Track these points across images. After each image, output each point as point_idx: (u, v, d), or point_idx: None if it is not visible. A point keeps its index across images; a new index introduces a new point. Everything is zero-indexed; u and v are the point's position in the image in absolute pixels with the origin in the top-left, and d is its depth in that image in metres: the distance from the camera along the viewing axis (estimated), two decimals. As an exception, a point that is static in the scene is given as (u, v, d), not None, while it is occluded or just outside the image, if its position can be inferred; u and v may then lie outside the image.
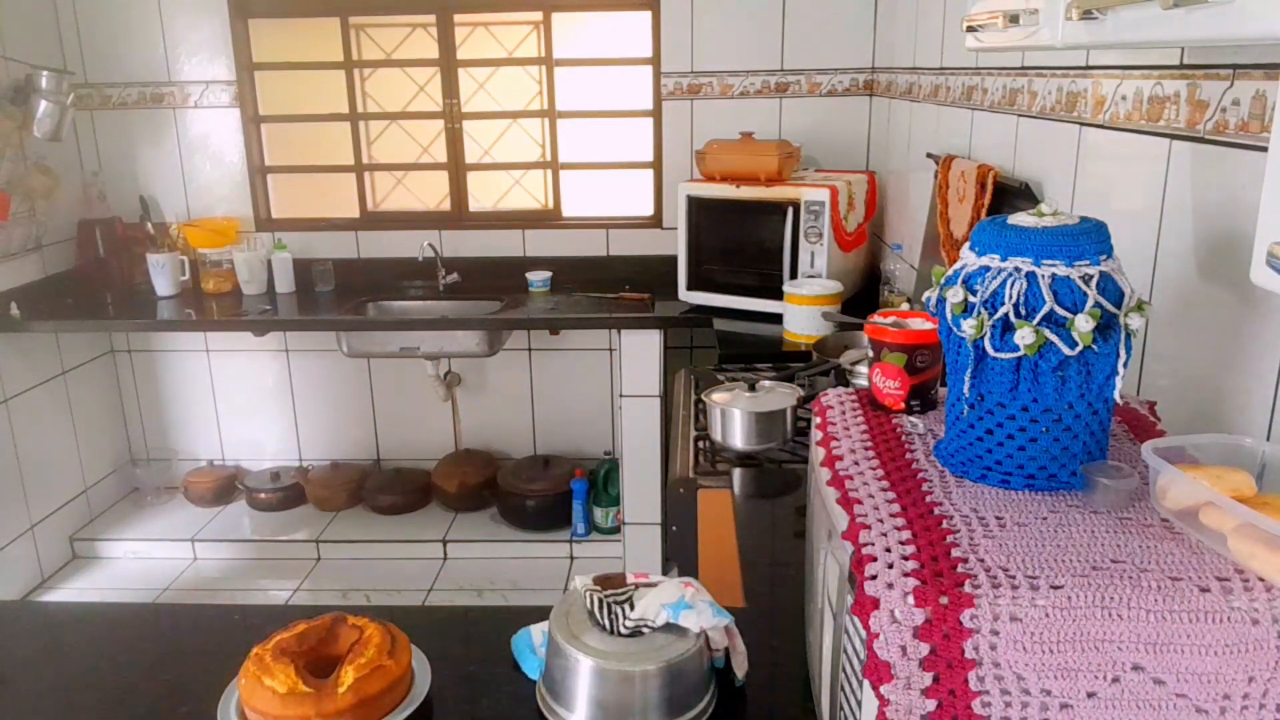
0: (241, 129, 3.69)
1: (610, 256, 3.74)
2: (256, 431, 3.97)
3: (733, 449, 1.83)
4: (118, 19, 3.59)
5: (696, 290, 3.20)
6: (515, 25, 3.73)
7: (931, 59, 2.71)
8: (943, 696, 0.74)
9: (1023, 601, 0.73)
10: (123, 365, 3.95)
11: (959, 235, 2.18)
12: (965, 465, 0.93)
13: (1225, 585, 0.74)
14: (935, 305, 0.94)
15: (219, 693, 1.12)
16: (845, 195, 2.93)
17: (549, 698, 1.10)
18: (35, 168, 3.40)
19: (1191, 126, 1.25)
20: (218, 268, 3.62)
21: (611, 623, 1.09)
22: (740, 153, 3.04)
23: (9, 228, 3.32)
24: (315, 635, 1.14)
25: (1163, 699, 0.73)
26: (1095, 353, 0.86)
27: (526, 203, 3.89)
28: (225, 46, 3.61)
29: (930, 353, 1.10)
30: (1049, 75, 1.78)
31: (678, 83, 3.53)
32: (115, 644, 1.31)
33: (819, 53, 3.46)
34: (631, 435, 3.21)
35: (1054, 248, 0.87)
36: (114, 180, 3.73)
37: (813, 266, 2.89)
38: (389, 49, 3.77)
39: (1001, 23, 1.12)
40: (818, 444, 1.03)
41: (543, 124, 3.76)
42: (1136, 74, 1.41)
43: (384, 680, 1.07)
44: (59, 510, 3.62)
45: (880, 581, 0.76)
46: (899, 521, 0.83)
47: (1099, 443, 0.92)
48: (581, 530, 3.61)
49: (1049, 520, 0.84)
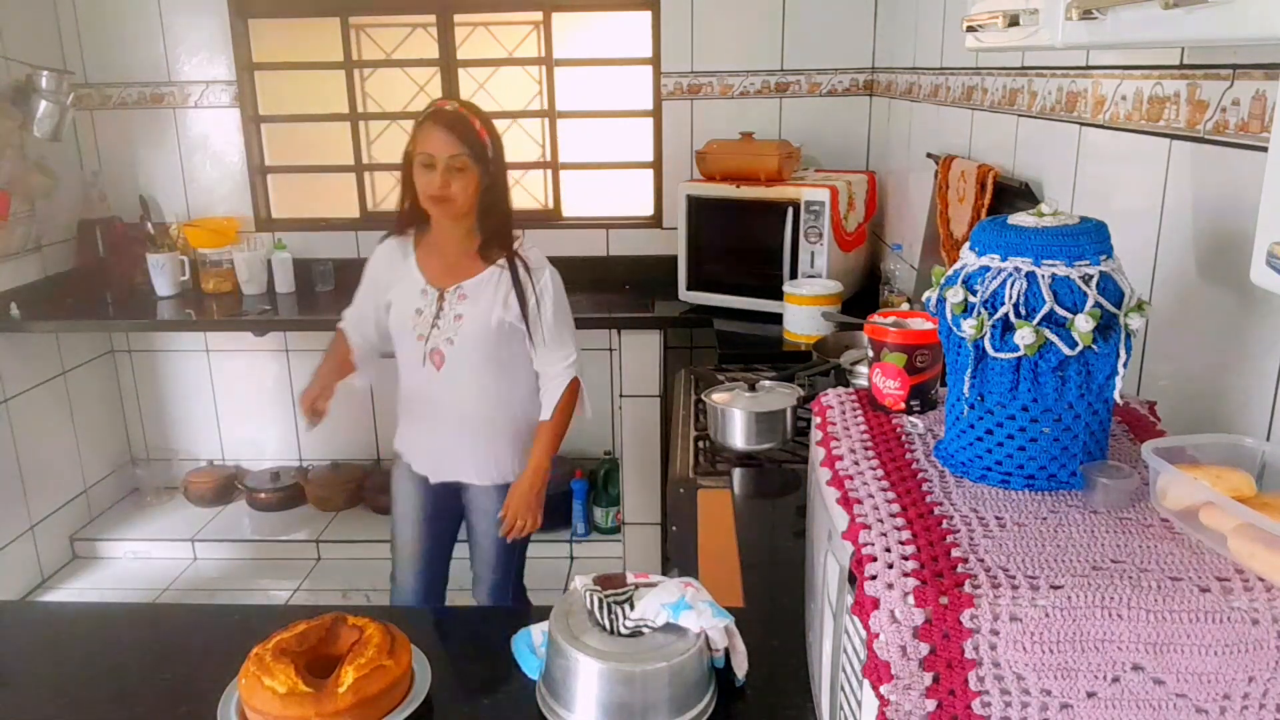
0: (241, 129, 3.69)
1: (610, 256, 3.73)
2: (256, 431, 3.97)
3: (733, 449, 1.83)
4: (118, 19, 3.59)
5: (696, 290, 3.20)
6: (515, 25, 3.73)
7: (931, 59, 2.71)
8: (943, 696, 0.74)
9: (1023, 601, 0.73)
10: (123, 365, 3.94)
11: (959, 235, 2.18)
12: (965, 465, 0.93)
13: (1225, 585, 0.74)
14: (935, 305, 0.94)
15: (219, 693, 1.12)
16: (845, 195, 2.93)
17: (549, 698, 1.10)
18: (35, 167, 3.39)
19: (1191, 126, 1.25)
20: (218, 268, 3.61)
21: (611, 623, 1.09)
22: (740, 153, 3.04)
23: (9, 228, 3.32)
24: (315, 635, 1.14)
25: (1163, 699, 0.73)
26: (1095, 353, 0.86)
27: (526, 203, 3.89)
28: (225, 46, 3.61)
29: (930, 353, 1.10)
30: (1049, 75, 1.78)
31: (678, 83, 3.53)
32: (115, 644, 1.31)
33: (819, 53, 3.46)
34: (631, 435, 3.21)
35: (1054, 248, 0.87)
36: (114, 180, 3.73)
37: (813, 266, 2.89)
38: (389, 49, 3.77)
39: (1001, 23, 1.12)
40: (818, 444, 1.03)
41: (543, 124, 3.76)
42: (1136, 74, 1.41)
43: (384, 680, 1.07)
44: (59, 510, 3.62)
45: (880, 581, 0.76)
46: (899, 521, 0.83)
47: (1099, 443, 0.92)
48: (581, 530, 3.61)
49: (1049, 520, 0.84)
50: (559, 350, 2.17)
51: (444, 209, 2.02)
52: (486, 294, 2.09)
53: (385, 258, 2.21)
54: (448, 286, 2.10)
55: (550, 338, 2.15)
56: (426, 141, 2.00)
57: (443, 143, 1.98)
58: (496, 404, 2.17)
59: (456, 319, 2.08)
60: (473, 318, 2.08)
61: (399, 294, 2.15)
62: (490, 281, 2.10)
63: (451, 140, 1.98)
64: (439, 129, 1.99)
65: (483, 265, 2.10)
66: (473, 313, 2.08)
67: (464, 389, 2.14)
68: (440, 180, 1.98)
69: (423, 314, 2.10)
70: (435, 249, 2.14)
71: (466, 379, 2.13)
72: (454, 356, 2.10)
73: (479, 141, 2.01)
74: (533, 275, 2.11)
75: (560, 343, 2.18)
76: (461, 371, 2.11)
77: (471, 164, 2.00)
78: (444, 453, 2.21)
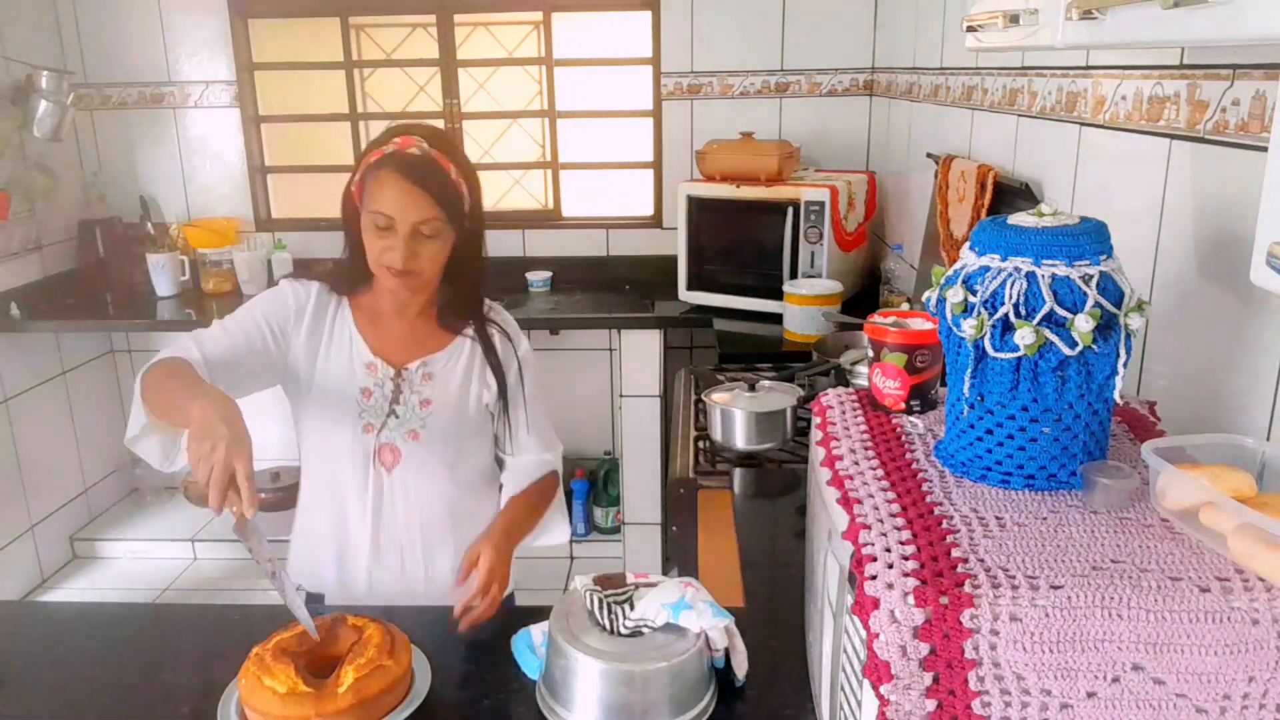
0: (241, 129, 3.69)
1: (610, 256, 3.74)
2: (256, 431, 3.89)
3: (733, 449, 1.83)
4: (118, 19, 3.59)
5: (696, 290, 3.20)
6: (515, 25, 3.73)
7: (931, 59, 2.71)
8: (943, 696, 0.74)
9: (1023, 601, 0.73)
10: (123, 365, 3.94)
11: (959, 235, 2.18)
12: (965, 465, 0.93)
13: (1225, 585, 0.74)
14: (935, 305, 0.94)
15: (219, 693, 1.12)
16: (845, 195, 2.93)
17: (549, 698, 1.10)
18: (35, 167, 3.40)
19: (1191, 127, 1.25)
20: (218, 268, 3.62)
21: (611, 623, 1.09)
22: (740, 153, 3.04)
23: (9, 228, 3.32)
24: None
25: (1163, 699, 0.73)
26: (1095, 353, 0.86)
27: (526, 203, 3.89)
28: (225, 46, 3.61)
29: (930, 353, 1.10)
30: (1049, 75, 1.78)
31: (678, 83, 3.53)
32: (115, 644, 1.31)
33: (819, 53, 3.46)
34: (631, 435, 3.21)
35: (1054, 248, 0.87)
36: (114, 180, 3.73)
37: (813, 266, 2.89)
38: (389, 49, 3.77)
39: (1001, 23, 1.12)
40: (818, 444, 1.03)
41: (543, 124, 3.76)
42: (1136, 74, 1.41)
43: (384, 680, 1.07)
44: (59, 510, 3.62)
45: (880, 581, 0.76)
46: (899, 521, 0.83)
47: (1099, 443, 0.92)
48: (581, 530, 3.61)
49: (1049, 520, 0.84)
50: (540, 440, 1.67)
51: (406, 283, 1.48)
52: (458, 372, 1.58)
53: (298, 307, 1.56)
54: (407, 363, 1.56)
55: (533, 421, 1.65)
56: (383, 197, 1.43)
57: (408, 203, 1.42)
58: (459, 518, 1.61)
59: (422, 405, 1.55)
60: (444, 403, 1.56)
61: (327, 368, 1.55)
62: (459, 355, 1.59)
63: (421, 201, 1.42)
64: (403, 182, 1.42)
65: (448, 335, 1.59)
66: (443, 397, 1.56)
67: (422, 497, 1.58)
68: (404, 252, 1.43)
69: (373, 398, 1.54)
70: (382, 315, 1.59)
71: (427, 485, 1.58)
72: (415, 454, 1.55)
73: (455, 196, 1.47)
74: (513, 342, 1.63)
75: (543, 429, 1.68)
76: (422, 474, 1.57)
77: (446, 229, 1.46)
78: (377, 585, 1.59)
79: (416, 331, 1.59)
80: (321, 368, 1.55)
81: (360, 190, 1.48)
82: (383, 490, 1.57)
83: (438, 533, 1.60)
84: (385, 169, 1.43)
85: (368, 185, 1.45)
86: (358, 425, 1.54)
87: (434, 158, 1.45)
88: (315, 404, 1.56)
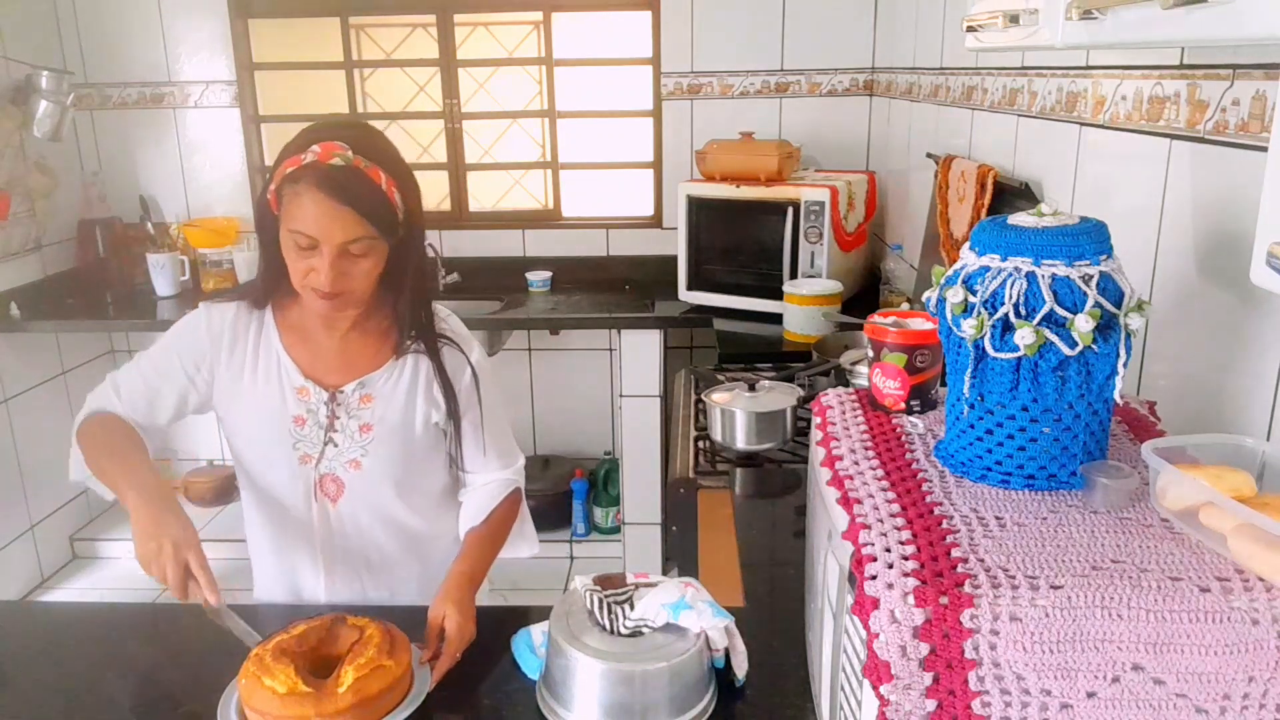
0: (241, 129, 3.69)
1: (610, 256, 3.74)
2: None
3: (733, 449, 1.83)
4: (118, 19, 3.59)
5: (696, 290, 3.20)
6: (515, 25, 3.73)
7: (931, 59, 2.71)
8: (943, 696, 0.74)
9: (1023, 601, 0.73)
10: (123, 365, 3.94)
11: (959, 235, 2.18)
12: (965, 465, 0.93)
13: (1225, 585, 0.74)
14: (935, 305, 0.94)
15: (219, 693, 1.12)
16: (845, 195, 2.93)
17: (549, 698, 1.10)
18: (35, 167, 3.40)
19: (1191, 126, 1.25)
20: (218, 268, 3.62)
21: (611, 623, 1.09)
22: (740, 153, 3.04)
23: (9, 228, 3.32)
24: (315, 635, 1.14)
25: (1163, 699, 0.73)
26: (1095, 353, 0.86)
27: (526, 203, 3.90)
28: (225, 46, 3.61)
29: (930, 353, 1.10)
30: (1049, 75, 1.78)
31: (678, 83, 3.53)
32: (115, 644, 1.31)
33: (819, 53, 3.46)
34: (631, 435, 3.21)
35: (1054, 248, 0.86)
36: (114, 180, 3.73)
37: (813, 266, 2.90)
38: (389, 49, 3.77)
39: (1001, 23, 1.12)
40: (818, 444, 1.03)
41: (543, 124, 3.76)
42: (1136, 74, 1.41)
43: (384, 680, 1.07)
44: (59, 510, 3.62)
45: (880, 581, 0.76)
46: (899, 521, 0.83)
47: (1099, 443, 0.92)
48: (581, 530, 3.61)
49: (1049, 520, 0.84)
50: (499, 457, 1.51)
51: (334, 304, 1.33)
52: (401, 391, 1.43)
53: (213, 336, 1.43)
54: (342, 385, 1.41)
55: (491, 438, 1.49)
56: (304, 216, 1.26)
57: (332, 223, 1.25)
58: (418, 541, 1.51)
59: (362, 430, 1.41)
60: (389, 427, 1.42)
61: (255, 395, 1.42)
62: (401, 372, 1.43)
63: (348, 219, 1.26)
64: (327, 201, 1.25)
65: (387, 351, 1.44)
66: (386, 420, 1.42)
67: (373, 528, 1.47)
68: (331, 275, 1.27)
69: (306, 425, 1.40)
70: (311, 333, 1.43)
71: (377, 515, 1.46)
72: (360, 484, 1.43)
73: (386, 209, 1.30)
74: (464, 349, 1.47)
75: (502, 445, 1.52)
76: (370, 505, 1.45)
77: (378, 244, 1.31)
78: None
79: (350, 349, 1.43)
80: (249, 396, 1.42)
81: (276, 201, 1.30)
82: (330, 524, 1.45)
83: (398, 559, 1.50)
84: (305, 183, 1.25)
85: (284, 199, 1.28)
86: (293, 457, 1.41)
87: (359, 169, 1.27)
88: (246, 436, 1.45)
